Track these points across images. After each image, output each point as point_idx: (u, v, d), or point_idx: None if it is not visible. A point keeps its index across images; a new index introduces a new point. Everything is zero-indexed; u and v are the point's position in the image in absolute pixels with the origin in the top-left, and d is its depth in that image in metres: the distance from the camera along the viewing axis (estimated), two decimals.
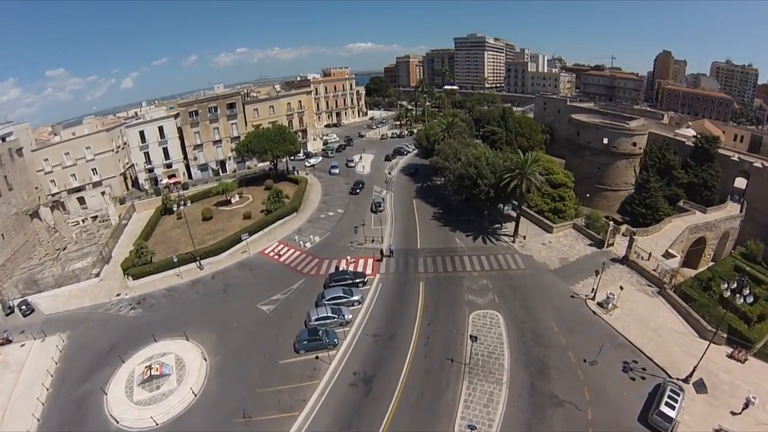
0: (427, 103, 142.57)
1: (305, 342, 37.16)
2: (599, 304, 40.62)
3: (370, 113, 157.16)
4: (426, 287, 45.76)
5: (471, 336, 34.71)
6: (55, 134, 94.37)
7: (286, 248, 57.91)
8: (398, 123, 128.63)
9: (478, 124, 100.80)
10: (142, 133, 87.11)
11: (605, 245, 51.18)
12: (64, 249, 72.13)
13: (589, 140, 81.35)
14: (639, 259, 48.26)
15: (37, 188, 77.74)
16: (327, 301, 42.14)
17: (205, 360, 38.01)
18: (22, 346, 45.22)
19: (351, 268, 49.73)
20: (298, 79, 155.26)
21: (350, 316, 40.98)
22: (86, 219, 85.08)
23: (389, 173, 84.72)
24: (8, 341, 46.42)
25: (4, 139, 75.34)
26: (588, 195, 73.93)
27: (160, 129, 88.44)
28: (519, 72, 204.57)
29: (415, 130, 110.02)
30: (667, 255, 51.29)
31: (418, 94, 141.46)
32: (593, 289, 41.68)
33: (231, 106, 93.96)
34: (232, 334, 41.44)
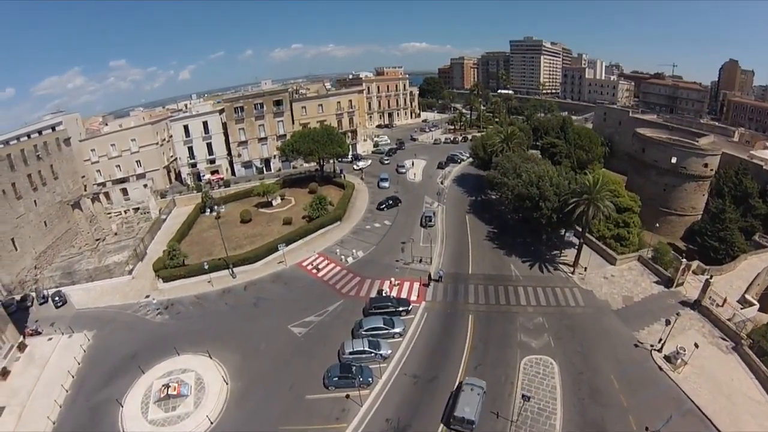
0: (482, 108, 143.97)
1: (336, 378, 36.26)
2: (667, 358, 38.71)
3: (423, 115, 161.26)
4: (475, 322, 44.37)
5: (523, 395, 32.90)
6: (105, 124, 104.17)
7: (326, 262, 57.88)
8: (452, 127, 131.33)
9: (536, 134, 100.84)
10: (186, 128, 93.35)
11: (674, 284, 49.11)
12: (103, 240, 78.23)
13: (656, 158, 79.54)
14: (712, 305, 45.50)
15: (83, 177, 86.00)
16: (365, 331, 41.23)
17: (227, 384, 38.24)
18: (50, 339, 49.00)
19: (395, 292, 48.78)
20: (350, 77, 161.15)
21: (389, 351, 39.70)
22: (128, 210, 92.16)
23: (442, 183, 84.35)
24: (37, 333, 50.60)
25: (53, 128, 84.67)
26: (651, 219, 70.93)
27: (205, 124, 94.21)
28: (576, 78, 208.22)
29: (469, 136, 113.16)
30: (744, 301, 48.54)
31: (473, 98, 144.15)
32: (661, 340, 39.76)
33: (278, 103, 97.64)
34: (259, 357, 41.53)
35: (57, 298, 56.08)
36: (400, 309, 44.71)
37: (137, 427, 34.97)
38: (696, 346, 37.13)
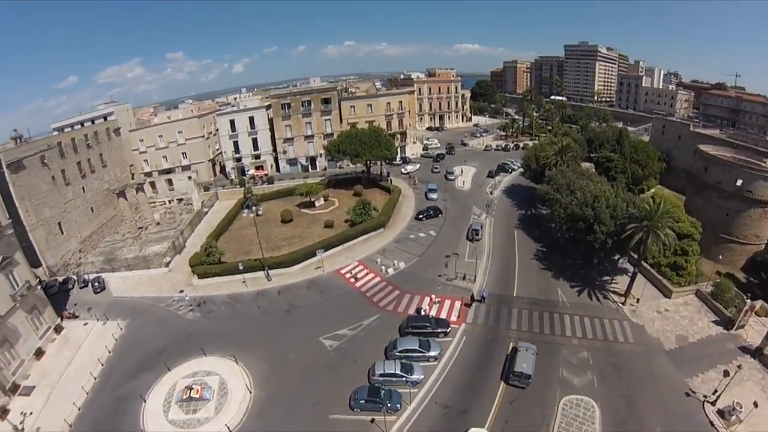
0: (535, 114, 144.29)
1: (362, 401, 36.05)
2: (720, 413, 36.70)
3: (475, 119, 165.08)
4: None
5: None
6: (155, 115, 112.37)
7: (365, 271, 58.14)
8: (504, 134, 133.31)
9: (590, 146, 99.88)
10: (232, 122, 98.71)
11: (735, 326, 46.84)
12: (146, 228, 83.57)
13: (719, 179, 76.32)
14: None
15: (131, 166, 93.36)
16: (398, 352, 40.94)
17: (250, 392, 39.10)
18: (85, 324, 52.86)
19: (434, 310, 48.48)
20: (401, 77, 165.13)
21: (421, 377, 39.15)
22: (172, 200, 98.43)
23: (491, 193, 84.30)
24: (74, 316, 54.79)
25: (105, 118, 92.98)
26: (709, 245, 68.31)
27: (251, 119, 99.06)
28: (632, 86, 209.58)
29: (521, 144, 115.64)
30: None
31: (527, 104, 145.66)
32: (716, 391, 37.77)
33: (326, 101, 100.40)
34: (286, 367, 42.22)
35: (96, 284, 60.42)
36: (438, 330, 44.33)
37: (157, 425, 36.60)
38: (755, 405, 34.73)
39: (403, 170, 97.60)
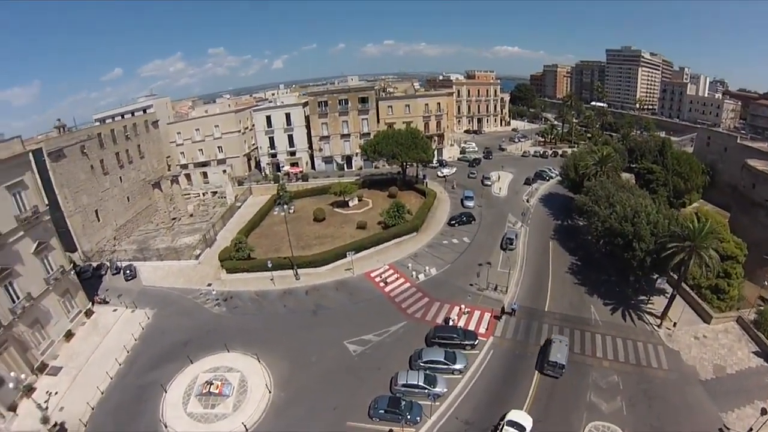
0: (574, 121, 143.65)
1: (382, 411, 35.69)
2: None
3: (513, 123, 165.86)
4: None
5: None
6: (193, 109, 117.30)
7: (396, 276, 57.85)
8: (542, 140, 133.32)
9: (631, 155, 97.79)
10: (268, 118, 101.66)
11: None
12: (179, 220, 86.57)
13: None
14: None
15: (168, 157, 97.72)
16: (423, 362, 40.46)
17: (269, 391, 39.43)
18: (114, 311, 55.24)
19: (463, 320, 47.98)
20: (440, 78, 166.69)
21: (444, 390, 38.55)
22: (206, 193, 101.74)
23: (527, 201, 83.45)
24: (105, 302, 57.40)
25: (145, 111, 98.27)
26: (753, 267, 62.83)
27: (287, 116, 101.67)
28: (676, 94, 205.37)
29: (559, 151, 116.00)
30: None
31: (566, 109, 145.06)
32: (751, 430, 35.75)
33: (363, 100, 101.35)
34: (308, 369, 42.36)
35: (128, 272, 63.03)
36: (466, 342, 43.81)
37: (175, 416, 37.57)
38: None
39: (439, 173, 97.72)
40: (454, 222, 72.18)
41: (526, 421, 34.53)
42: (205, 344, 46.56)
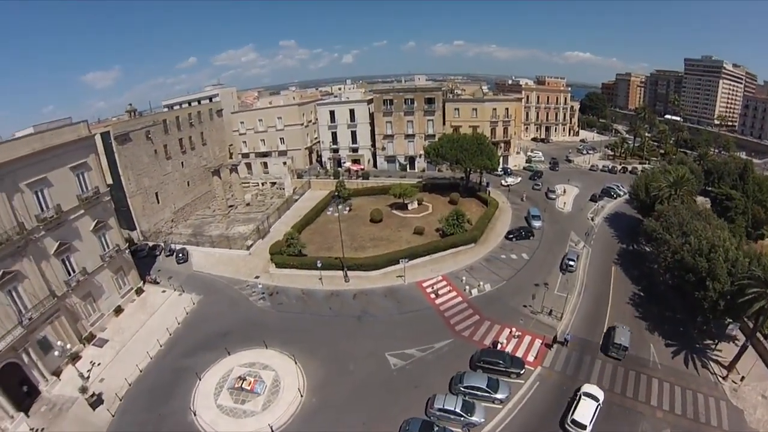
0: (647, 135, 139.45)
1: None
2: None
3: (582, 134, 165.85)
4: None
5: None
6: (258, 99, 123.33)
7: (448, 288, 56.89)
8: (611, 153, 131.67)
9: (708, 177, 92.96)
10: (332, 113, 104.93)
11: None
12: (235, 208, 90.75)
13: None
14: None
15: (230, 145, 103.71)
16: (463, 387, 39.31)
17: (301, 396, 39.86)
18: (163, 292, 58.91)
19: (512, 345, 46.53)
20: (509, 82, 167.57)
21: (482, 419, 37.23)
22: (265, 183, 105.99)
23: (592, 219, 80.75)
24: (155, 282, 61.37)
25: (211, 99, 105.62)
26: None
27: (351, 112, 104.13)
28: (759, 111, 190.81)
29: (629, 167, 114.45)
30: None
31: (639, 122, 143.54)
32: None
33: (430, 101, 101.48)
34: (343, 377, 42.49)
35: (180, 255, 66.99)
36: (512, 370, 42.18)
37: (205, 405, 39.18)
38: None
39: (503, 182, 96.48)
40: (511, 236, 70.65)
41: (599, 393, 38.50)
42: (244, 337, 48.17)
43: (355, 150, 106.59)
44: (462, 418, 36.39)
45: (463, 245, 66.10)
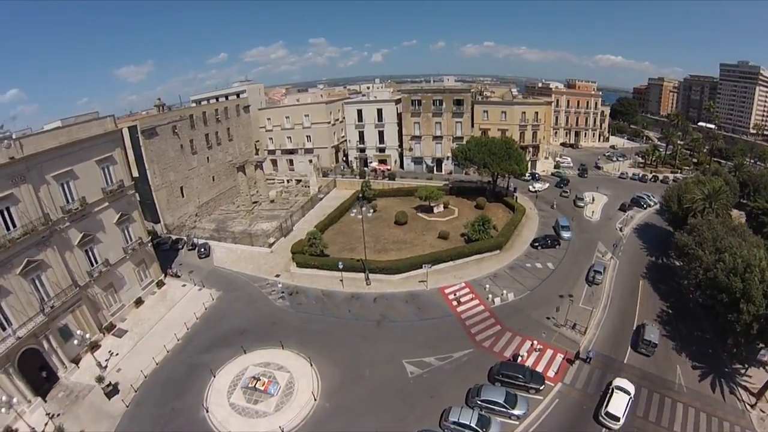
0: (680, 143, 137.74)
1: None
2: None
3: (612, 140, 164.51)
4: None
5: None
6: (286, 96, 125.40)
7: (470, 296, 56.10)
8: (642, 161, 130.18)
9: (743, 189, 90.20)
10: (359, 112, 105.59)
11: None
12: (259, 204, 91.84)
13: None
14: None
15: (257, 142, 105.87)
16: (480, 400, 38.55)
17: (314, 400, 39.83)
18: (183, 286, 59.97)
19: (532, 358, 45.52)
20: (539, 85, 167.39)
21: None
22: (290, 180, 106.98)
23: (620, 230, 78.92)
24: (176, 276, 62.53)
25: (238, 95, 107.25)
26: None
27: (379, 111, 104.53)
28: None
29: (660, 176, 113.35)
30: None
31: (672, 130, 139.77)
32: None
33: (458, 102, 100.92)
34: (359, 383, 42.27)
35: (203, 250, 68.13)
36: (531, 386, 41.15)
37: (218, 403, 39.69)
38: None
39: (531, 188, 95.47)
40: (537, 245, 69.61)
41: (630, 387, 40.07)
42: (261, 336, 48.63)
43: (382, 150, 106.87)
44: None
45: (487, 252, 65.17)
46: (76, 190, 46.44)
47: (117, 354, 46.64)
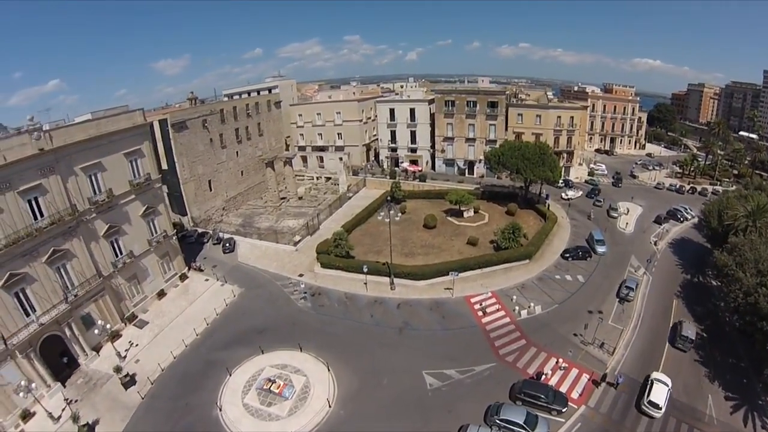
0: (720, 153, 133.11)
1: None
2: None
3: (649, 147, 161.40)
4: None
5: None
6: (318, 93, 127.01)
7: (496, 306, 54.96)
8: (680, 171, 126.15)
9: None
10: (392, 111, 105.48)
11: None
12: (287, 201, 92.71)
13: None
14: None
15: (287, 137, 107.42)
16: (499, 419, 37.50)
17: (329, 407, 39.59)
18: (206, 280, 60.89)
19: (556, 377, 44.04)
20: (575, 88, 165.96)
21: None
22: (320, 177, 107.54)
23: (655, 244, 76.13)
24: (200, 270, 63.56)
25: (270, 91, 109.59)
26: None
27: (412, 111, 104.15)
28: None
29: (698, 187, 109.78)
30: None
31: (712, 139, 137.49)
32: None
33: (492, 104, 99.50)
34: (376, 392, 41.85)
35: (228, 245, 69.08)
36: (553, 407, 39.69)
37: (232, 402, 40.04)
38: None
39: (564, 195, 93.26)
40: (568, 256, 67.88)
41: (668, 380, 42.03)
42: (280, 337, 48.84)
43: (413, 150, 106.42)
44: None
45: (516, 261, 63.75)
46: (103, 182, 47.82)
47: (137, 345, 47.84)
